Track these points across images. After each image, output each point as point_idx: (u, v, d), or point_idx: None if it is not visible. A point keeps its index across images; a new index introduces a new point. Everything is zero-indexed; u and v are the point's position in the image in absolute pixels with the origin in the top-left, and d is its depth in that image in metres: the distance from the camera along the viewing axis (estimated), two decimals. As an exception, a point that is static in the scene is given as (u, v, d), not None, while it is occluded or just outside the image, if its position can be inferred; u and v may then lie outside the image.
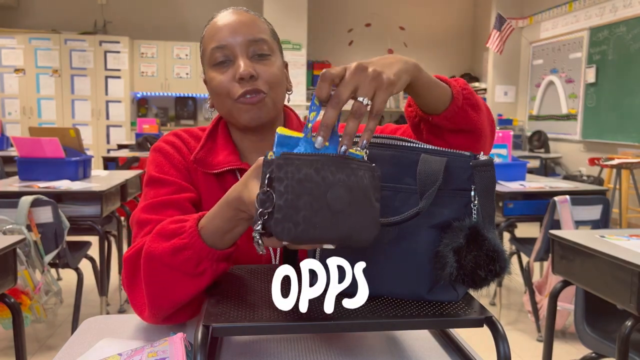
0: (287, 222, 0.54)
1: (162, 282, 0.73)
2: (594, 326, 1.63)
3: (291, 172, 0.55)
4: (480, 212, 0.68)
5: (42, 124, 7.03)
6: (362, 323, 0.63)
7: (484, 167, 0.67)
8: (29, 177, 2.61)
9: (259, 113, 0.89)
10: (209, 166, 0.93)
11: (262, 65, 0.89)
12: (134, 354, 0.65)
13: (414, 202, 0.67)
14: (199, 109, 7.72)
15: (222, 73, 0.89)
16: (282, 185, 0.55)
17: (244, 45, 0.88)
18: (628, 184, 4.50)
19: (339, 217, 0.56)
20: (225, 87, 0.88)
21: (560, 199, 2.40)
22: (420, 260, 0.67)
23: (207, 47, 0.91)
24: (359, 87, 0.60)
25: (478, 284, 0.64)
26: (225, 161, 0.92)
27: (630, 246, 1.43)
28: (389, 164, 0.69)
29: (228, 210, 0.70)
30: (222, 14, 0.93)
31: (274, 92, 0.91)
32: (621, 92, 5.26)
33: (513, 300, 3.16)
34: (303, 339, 0.77)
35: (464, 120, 0.79)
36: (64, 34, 7.06)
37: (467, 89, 0.80)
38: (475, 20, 8.27)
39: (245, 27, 0.89)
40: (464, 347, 0.74)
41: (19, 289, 1.95)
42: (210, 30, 0.92)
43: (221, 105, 0.92)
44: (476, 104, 0.80)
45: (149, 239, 0.76)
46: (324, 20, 7.90)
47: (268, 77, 0.89)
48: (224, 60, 0.89)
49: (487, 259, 0.63)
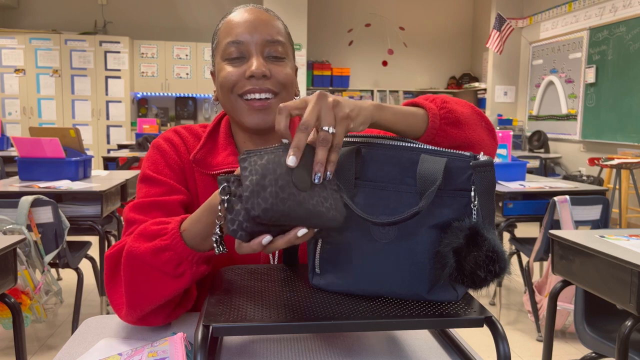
0: (256, 198, 0.57)
1: (142, 281, 0.74)
2: (594, 326, 1.63)
3: (254, 160, 0.60)
4: (480, 213, 0.68)
5: (43, 124, 7.03)
6: (362, 323, 0.63)
7: (483, 168, 0.67)
8: (29, 177, 2.61)
9: (266, 117, 0.88)
10: (207, 167, 0.92)
11: (276, 66, 0.89)
12: (134, 353, 0.65)
13: (414, 202, 0.67)
14: (199, 109, 7.72)
15: (232, 66, 0.88)
16: (246, 171, 0.59)
17: (260, 45, 0.88)
18: (628, 184, 4.51)
19: (305, 196, 0.60)
20: (233, 80, 0.87)
21: (560, 199, 2.41)
22: (420, 260, 0.67)
23: (222, 40, 0.90)
24: (321, 115, 0.63)
25: (477, 284, 0.64)
26: (225, 162, 0.91)
27: (630, 246, 1.43)
28: (390, 164, 0.69)
29: (209, 215, 0.71)
30: (242, 9, 0.92)
31: (285, 93, 0.90)
32: (621, 92, 5.26)
33: (513, 300, 3.16)
34: (303, 339, 0.77)
35: (446, 140, 0.78)
36: (64, 34, 7.06)
37: (445, 107, 0.79)
38: (475, 20, 8.27)
39: (264, 26, 0.89)
40: (464, 347, 0.74)
41: (19, 289, 1.95)
42: (227, 24, 0.91)
43: (225, 100, 0.90)
44: (456, 121, 0.79)
45: (131, 238, 0.77)
46: (324, 20, 7.90)
47: (281, 78, 0.88)
48: (238, 56, 0.88)
49: (487, 259, 0.63)
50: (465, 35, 8.36)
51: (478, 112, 0.85)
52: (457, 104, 0.82)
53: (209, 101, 7.74)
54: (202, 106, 7.73)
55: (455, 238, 0.64)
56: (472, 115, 0.83)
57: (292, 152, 0.61)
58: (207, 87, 7.47)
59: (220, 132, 0.97)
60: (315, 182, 0.62)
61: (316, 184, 0.62)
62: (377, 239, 0.67)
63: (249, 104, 0.88)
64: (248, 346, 0.74)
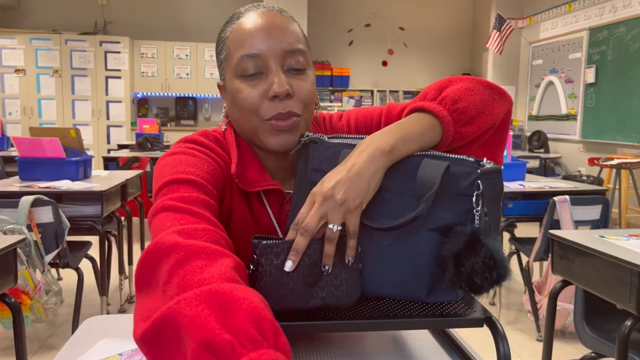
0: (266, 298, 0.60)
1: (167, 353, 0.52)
2: (594, 326, 1.63)
3: (270, 259, 0.63)
4: (483, 218, 0.67)
5: (43, 124, 7.03)
6: (362, 323, 0.64)
7: (491, 175, 0.67)
8: (30, 177, 2.61)
9: (291, 139, 0.77)
10: (247, 183, 0.79)
11: (298, 81, 0.78)
12: (134, 353, 0.65)
13: (416, 205, 0.67)
14: (199, 109, 7.72)
15: (251, 86, 0.76)
16: (262, 268, 0.64)
17: (280, 57, 0.76)
18: (627, 184, 4.51)
19: (317, 289, 0.64)
20: (255, 104, 0.76)
21: (560, 199, 2.41)
22: (420, 263, 0.67)
23: (235, 52, 0.78)
24: (327, 215, 0.64)
25: (475, 290, 0.64)
26: (260, 179, 0.80)
27: (630, 246, 1.43)
28: (395, 168, 0.69)
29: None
30: (253, 13, 0.79)
31: (307, 113, 0.80)
32: (620, 92, 5.26)
33: (513, 300, 3.16)
34: (303, 339, 0.77)
35: (462, 140, 0.75)
36: (65, 34, 7.06)
37: (456, 109, 0.73)
38: (475, 20, 8.27)
39: (282, 33, 0.77)
40: (464, 347, 0.74)
41: (20, 288, 1.95)
42: (238, 32, 0.78)
43: (246, 122, 0.79)
44: (469, 119, 0.74)
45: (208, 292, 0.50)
46: (324, 20, 7.90)
47: (304, 97, 0.78)
48: (255, 72, 0.76)
49: (484, 266, 0.62)
50: (465, 35, 8.36)
51: (482, 84, 0.79)
52: (465, 93, 0.76)
53: (209, 101, 7.74)
54: (202, 106, 7.73)
55: (457, 243, 0.64)
56: (481, 97, 0.77)
57: (291, 257, 0.62)
58: (207, 87, 7.47)
59: (242, 145, 0.83)
60: (325, 273, 0.64)
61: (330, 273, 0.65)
62: (377, 241, 0.68)
63: (273, 126, 0.77)
64: (248, 346, 0.74)
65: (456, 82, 0.79)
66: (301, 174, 0.74)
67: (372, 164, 0.66)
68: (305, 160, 0.74)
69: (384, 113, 0.88)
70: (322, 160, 0.73)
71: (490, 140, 0.80)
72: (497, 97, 0.79)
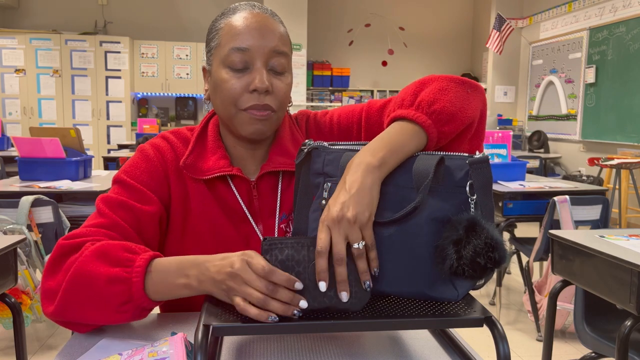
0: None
1: (82, 299, 0.73)
2: (594, 326, 1.63)
3: (275, 254, 0.66)
4: (478, 206, 0.69)
5: (43, 124, 7.03)
6: (362, 323, 0.64)
7: (479, 164, 0.69)
8: (30, 177, 2.62)
9: (263, 128, 0.87)
10: (198, 172, 0.89)
11: (278, 81, 0.86)
12: (134, 353, 0.66)
13: (414, 198, 0.69)
14: (199, 109, 7.72)
15: (235, 77, 0.85)
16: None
17: (266, 55, 0.85)
18: (627, 184, 4.51)
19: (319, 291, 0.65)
20: (236, 95, 0.85)
21: (560, 199, 2.41)
22: (421, 256, 0.68)
23: (225, 43, 0.85)
24: (348, 236, 0.66)
25: (479, 273, 0.64)
26: (216, 167, 0.88)
27: (630, 246, 1.43)
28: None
29: (179, 277, 0.71)
30: (247, 11, 0.87)
31: (282, 110, 0.89)
32: (621, 92, 5.27)
33: (513, 300, 3.16)
34: (303, 339, 0.77)
35: (447, 138, 0.78)
36: (65, 34, 7.06)
37: (433, 111, 0.77)
38: (475, 20, 8.27)
39: (272, 34, 0.86)
40: (464, 347, 0.74)
41: (20, 288, 1.95)
42: (232, 26, 0.86)
43: (223, 109, 0.88)
44: (448, 118, 0.77)
45: (92, 251, 0.75)
46: (324, 20, 7.90)
47: (280, 96, 0.87)
48: (242, 68, 0.85)
49: (486, 246, 0.63)
50: (465, 35, 8.36)
51: (454, 81, 0.81)
52: (439, 93, 0.78)
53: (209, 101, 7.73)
54: (202, 106, 7.73)
55: (454, 231, 0.65)
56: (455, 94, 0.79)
57: (342, 289, 0.64)
58: (207, 87, 7.47)
59: (209, 134, 0.94)
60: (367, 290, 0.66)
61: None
62: (377, 232, 0.68)
63: (249, 114, 0.86)
64: (248, 346, 0.74)
65: (429, 83, 0.82)
66: (304, 178, 0.78)
67: (368, 177, 0.69)
68: (307, 166, 0.78)
69: (365, 110, 0.94)
70: (325, 163, 0.76)
71: (475, 134, 0.83)
72: (471, 91, 0.82)
